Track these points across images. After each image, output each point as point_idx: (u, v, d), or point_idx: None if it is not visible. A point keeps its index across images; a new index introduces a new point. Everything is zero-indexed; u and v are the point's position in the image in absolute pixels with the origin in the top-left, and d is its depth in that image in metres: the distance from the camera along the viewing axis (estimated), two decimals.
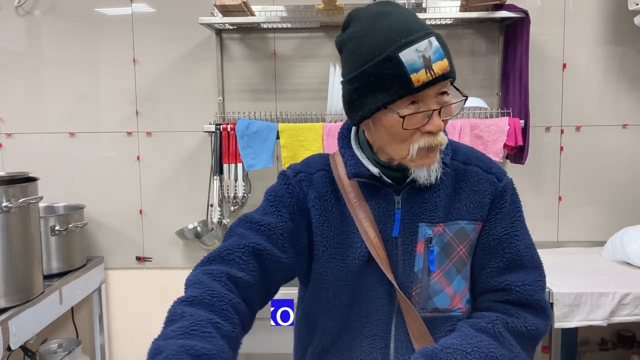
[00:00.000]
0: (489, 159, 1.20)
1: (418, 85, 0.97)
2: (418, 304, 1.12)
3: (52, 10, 2.73)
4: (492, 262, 1.14)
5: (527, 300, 1.10)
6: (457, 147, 1.20)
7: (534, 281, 1.12)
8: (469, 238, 1.13)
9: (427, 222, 1.11)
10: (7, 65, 2.76)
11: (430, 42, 0.98)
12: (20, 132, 2.79)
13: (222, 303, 1.03)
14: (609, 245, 2.52)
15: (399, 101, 0.99)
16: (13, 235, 2.03)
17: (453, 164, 1.16)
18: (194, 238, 2.73)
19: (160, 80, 2.74)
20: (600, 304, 2.08)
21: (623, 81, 2.67)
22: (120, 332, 2.90)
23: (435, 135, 1.02)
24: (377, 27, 1.01)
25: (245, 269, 1.08)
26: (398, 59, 0.97)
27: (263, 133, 2.47)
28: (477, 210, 1.13)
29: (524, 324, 1.09)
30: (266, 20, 2.54)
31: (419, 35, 0.98)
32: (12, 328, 1.99)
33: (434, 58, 0.97)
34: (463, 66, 2.68)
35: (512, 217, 1.15)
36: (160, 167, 2.79)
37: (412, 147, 1.03)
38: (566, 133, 2.71)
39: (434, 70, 0.97)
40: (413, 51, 0.96)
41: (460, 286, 1.14)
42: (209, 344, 0.94)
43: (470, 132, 2.45)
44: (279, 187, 1.18)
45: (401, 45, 0.97)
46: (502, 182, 1.15)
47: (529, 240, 1.17)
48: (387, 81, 0.98)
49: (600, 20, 2.65)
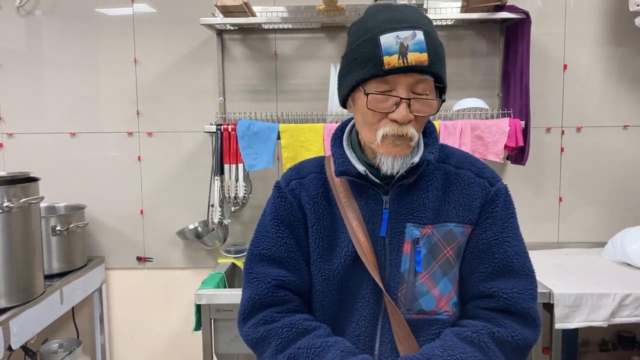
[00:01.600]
0: (484, 164, 1.20)
1: (388, 68, 1.00)
2: (404, 304, 1.12)
3: (53, 11, 2.74)
4: (481, 267, 1.13)
5: (515, 308, 1.10)
6: (450, 152, 1.21)
7: (523, 289, 1.11)
8: (457, 240, 1.13)
9: (415, 223, 1.12)
10: (8, 65, 2.77)
11: (415, 33, 1.01)
12: (21, 132, 2.79)
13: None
14: (609, 246, 2.52)
15: (371, 82, 1.03)
16: (14, 235, 2.03)
17: (444, 167, 1.16)
18: (195, 238, 2.73)
19: (161, 81, 2.75)
20: (600, 304, 2.08)
21: (624, 82, 2.67)
22: (120, 332, 2.90)
23: (401, 125, 1.03)
24: (376, 15, 1.06)
25: (285, 299, 1.17)
26: (377, 40, 1.01)
27: (264, 133, 2.47)
28: (466, 214, 1.13)
29: (511, 334, 1.08)
30: (267, 20, 2.54)
31: (406, 25, 1.02)
32: (13, 328, 1.99)
33: (412, 48, 1.00)
34: (464, 67, 2.68)
35: (504, 222, 1.15)
36: (161, 167, 2.79)
37: (378, 133, 1.05)
38: (567, 134, 2.71)
39: (407, 59, 1.00)
40: (393, 36, 1.00)
41: (446, 288, 1.13)
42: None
43: (471, 132, 2.45)
44: (275, 202, 1.21)
45: (384, 29, 1.02)
46: (494, 186, 1.15)
47: (521, 247, 1.16)
48: (363, 60, 1.02)
49: (600, 21, 2.65)
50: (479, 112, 2.55)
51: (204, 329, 2.24)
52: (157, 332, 2.89)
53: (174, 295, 2.83)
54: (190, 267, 2.80)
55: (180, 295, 2.82)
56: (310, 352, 1.06)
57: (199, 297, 2.20)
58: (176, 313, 2.85)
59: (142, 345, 2.90)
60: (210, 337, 2.24)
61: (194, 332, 2.27)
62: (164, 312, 2.86)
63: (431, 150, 1.13)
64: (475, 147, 2.47)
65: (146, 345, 2.90)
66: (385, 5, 1.10)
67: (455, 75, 2.68)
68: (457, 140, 2.43)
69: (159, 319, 2.87)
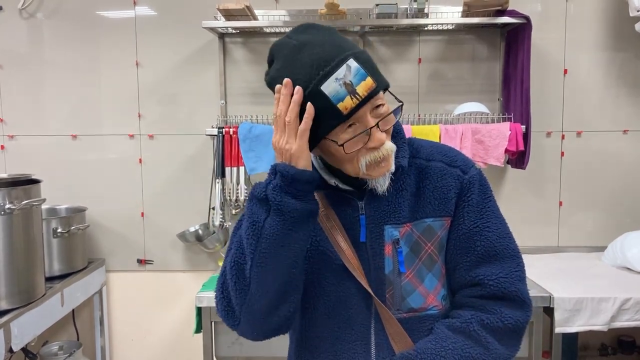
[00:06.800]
0: (456, 152, 1.19)
1: (347, 112, 0.99)
2: (393, 305, 1.12)
3: (56, 13, 2.75)
4: (465, 257, 1.13)
5: (503, 293, 1.10)
6: (419, 145, 1.19)
7: (509, 272, 1.11)
8: (437, 235, 1.13)
9: (393, 224, 1.12)
10: (10, 67, 2.77)
11: (349, 65, 0.99)
12: (23, 134, 2.80)
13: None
14: (609, 250, 2.52)
15: (336, 129, 1.01)
16: (15, 237, 2.03)
17: (415, 163, 1.16)
18: (195, 241, 2.73)
19: (163, 83, 2.75)
20: (600, 309, 2.08)
21: (624, 87, 2.68)
22: (120, 334, 2.90)
23: (379, 148, 1.04)
24: (296, 63, 1.01)
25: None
26: (321, 93, 0.98)
27: (265, 137, 2.48)
28: (442, 206, 1.13)
29: (500, 319, 1.08)
30: (269, 24, 2.55)
31: (335, 62, 0.99)
32: (14, 330, 1.99)
33: (356, 81, 0.98)
34: (464, 71, 2.70)
35: (482, 208, 1.14)
36: (162, 169, 2.79)
37: (361, 164, 1.04)
38: (567, 138, 2.72)
39: (359, 94, 0.98)
40: (333, 81, 0.98)
41: (432, 284, 1.14)
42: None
43: (471, 137, 2.46)
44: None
45: (320, 78, 0.98)
46: (467, 174, 1.14)
47: (502, 230, 1.15)
48: (319, 114, 1.00)
49: (601, 26, 2.66)
50: (479, 116, 2.56)
51: (204, 332, 2.24)
52: (157, 335, 2.89)
53: (174, 298, 2.83)
54: (191, 270, 2.81)
55: (181, 297, 2.82)
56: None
57: (200, 299, 2.21)
58: (176, 315, 2.85)
59: (142, 347, 2.90)
60: (211, 339, 2.25)
61: (195, 335, 2.28)
62: (164, 315, 2.87)
63: (403, 155, 1.13)
64: (475, 151, 2.48)
65: (146, 348, 2.90)
66: (293, 47, 1.03)
67: (456, 80, 2.69)
68: (458, 144, 2.44)
69: (159, 322, 2.87)
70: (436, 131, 2.47)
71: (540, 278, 2.28)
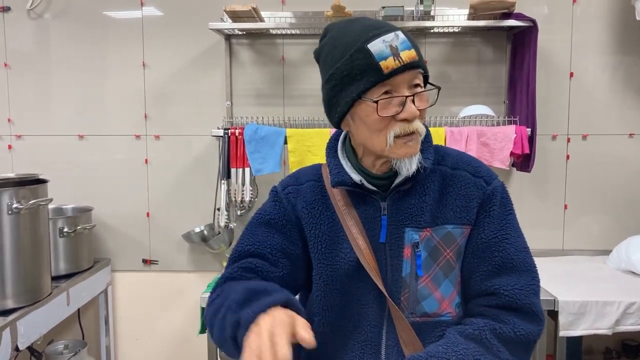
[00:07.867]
0: (479, 163, 1.20)
1: (387, 71, 1.02)
2: (407, 308, 1.12)
3: (63, 14, 2.76)
4: (482, 266, 1.14)
5: (517, 304, 1.10)
6: (445, 152, 1.21)
7: (524, 285, 1.12)
8: (456, 242, 1.14)
9: (414, 227, 1.12)
10: (17, 67, 2.79)
11: (397, 34, 1.04)
12: (30, 134, 2.82)
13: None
14: (614, 254, 2.52)
15: (372, 90, 1.04)
16: (22, 236, 2.04)
17: (440, 169, 1.17)
18: (201, 241, 2.74)
19: (169, 84, 2.76)
20: (605, 312, 2.08)
21: (630, 90, 2.68)
22: (125, 334, 2.91)
23: (411, 122, 1.05)
24: (348, 30, 1.07)
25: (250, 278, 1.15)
26: (367, 50, 1.03)
27: (271, 138, 2.49)
28: (464, 214, 1.14)
29: (513, 330, 1.08)
30: (275, 26, 2.56)
31: (386, 29, 1.05)
32: (20, 328, 2.00)
33: (401, 47, 1.03)
34: (470, 74, 2.70)
35: (502, 220, 1.15)
36: (168, 170, 2.80)
37: (389, 136, 1.06)
38: (572, 141, 2.71)
39: (402, 58, 1.03)
40: (380, 42, 1.03)
41: (448, 290, 1.14)
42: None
43: (477, 139, 2.46)
44: (269, 206, 1.23)
45: (369, 37, 1.03)
46: (490, 185, 1.16)
47: (521, 243, 1.16)
48: (359, 72, 1.03)
49: (607, 29, 2.66)
50: (485, 119, 2.56)
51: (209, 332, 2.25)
52: (162, 335, 2.90)
53: (179, 298, 2.85)
54: (196, 270, 2.82)
55: (186, 298, 2.83)
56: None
57: (205, 300, 2.21)
58: (181, 316, 2.86)
59: (147, 347, 2.91)
60: None
61: (199, 335, 2.28)
62: (169, 315, 2.88)
63: (427, 156, 1.13)
64: (481, 153, 2.48)
65: (151, 347, 2.91)
66: (347, 21, 1.11)
67: (461, 82, 2.69)
68: (463, 147, 2.44)
69: (164, 322, 2.88)
70: (441, 134, 2.47)
71: (545, 281, 2.27)
